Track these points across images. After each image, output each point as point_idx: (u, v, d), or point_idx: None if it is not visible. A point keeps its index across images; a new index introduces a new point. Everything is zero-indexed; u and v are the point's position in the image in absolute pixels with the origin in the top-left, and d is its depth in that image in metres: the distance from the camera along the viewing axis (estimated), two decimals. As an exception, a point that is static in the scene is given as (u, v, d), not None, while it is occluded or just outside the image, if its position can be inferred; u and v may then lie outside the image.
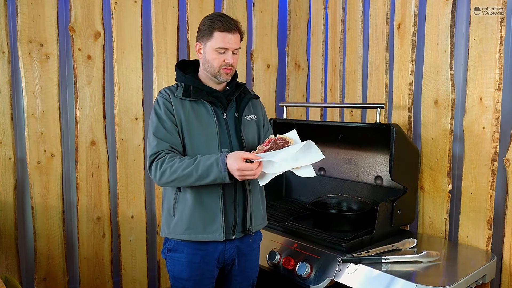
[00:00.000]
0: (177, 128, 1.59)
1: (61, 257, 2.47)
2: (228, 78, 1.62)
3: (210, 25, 1.56)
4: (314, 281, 1.80)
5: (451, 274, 1.71)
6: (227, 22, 1.55)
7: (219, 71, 1.59)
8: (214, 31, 1.55)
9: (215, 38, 1.55)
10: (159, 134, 1.57)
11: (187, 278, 1.63)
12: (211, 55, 1.58)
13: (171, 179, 1.52)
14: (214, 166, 1.48)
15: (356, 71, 2.61)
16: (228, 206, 1.63)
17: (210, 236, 1.60)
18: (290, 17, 3.04)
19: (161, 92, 1.64)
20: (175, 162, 1.52)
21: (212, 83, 1.65)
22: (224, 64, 1.58)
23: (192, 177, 1.50)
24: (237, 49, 1.59)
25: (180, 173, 1.50)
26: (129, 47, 2.51)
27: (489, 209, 1.91)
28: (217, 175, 1.48)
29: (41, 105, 2.34)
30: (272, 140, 1.54)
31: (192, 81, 1.64)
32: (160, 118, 1.59)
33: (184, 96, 1.60)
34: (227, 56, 1.57)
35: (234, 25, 1.57)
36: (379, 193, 2.27)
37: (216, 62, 1.58)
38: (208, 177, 1.49)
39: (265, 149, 1.51)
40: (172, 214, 1.63)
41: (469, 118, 1.96)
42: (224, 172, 1.47)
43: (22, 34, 2.26)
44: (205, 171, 1.48)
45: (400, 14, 2.25)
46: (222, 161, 1.47)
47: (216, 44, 1.55)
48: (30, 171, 2.35)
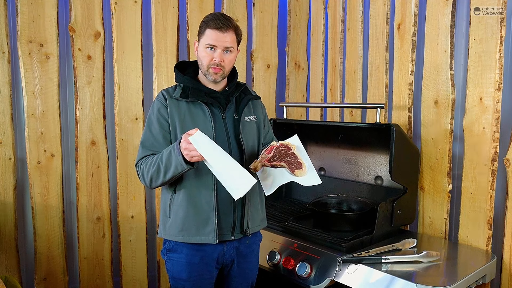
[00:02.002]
0: (168, 135, 1.58)
1: (61, 257, 2.47)
2: (217, 78, 1.59)
3: (205, 22, 1.57)
4: (314, 281, 1.80)
5: (451, 274, 1.71)
6: (219, 20, 1.54)
7: (208, 69, 1.58)
8: (206, 28, 1.56)
9: (206, 35, 1.55)
10: (146, 142, 1.59)
11: (186, 279, 1.62)
12: (201, 52, 1.58)
13: (149, 178, 1.53)
14: (171, 152, 1.46)
15: (356, 71, 2.61)
16: (225, 208, 1.61)
17: (203, 239, 1.59)
18: (290, 17, 3.04)
19: (158, 95, 1.64)
20: (148, 160, 1.53)
21: (211, 84, 1.64)
22: (212, 63, 1.56)
23: (161, 169, 1.48)
24: (228, 47, 1.56)
25: (152, 169, 1.50)
26: (129, 47, 2.51)
27: (489, 209, 1.91)
28: (175, 161, 1.44)
29: (41, 105, 2.34)
30: (274, 147, 1.52)
31: (190, 82, 1.63)
32: (151, 125, 1.60)
33: (182, 97, 1.59)
34: (215, 54, 1.55)
35: (227, 24, 1.54)
36: (379, 193, 2.27)
37: (205, 60, 1.57)
38: (171, 165, 1.46)
39: (268, 157, 1.51)
40: (167, 215, 1.63)
41: (469, 118, 1.96)
42: (179, 157, 1.42)
43: (22, 34, 2.26)
44: (167, 159, 1.46)
45: (400, 14, 2.25)
46: (176, 146, 1.44)
47: (206, 41, 1.55)
48: (30, 171, 2.35)
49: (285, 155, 1.51)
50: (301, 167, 1.50)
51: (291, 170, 1.50)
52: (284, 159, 1.51)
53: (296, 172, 1.50)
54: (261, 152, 1.57)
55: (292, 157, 1.51)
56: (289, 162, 1.51)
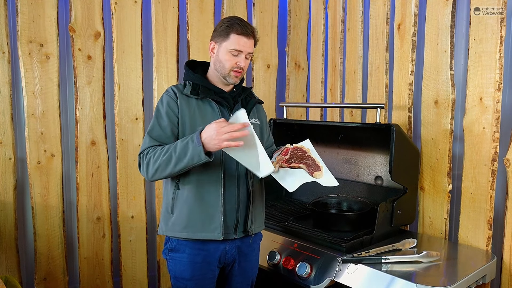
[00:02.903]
0: (176, 129, 1.59)
1: (61, 257, 2.48)
2: (237, 81, 1.65)
3: (228, 26, 1.58)
4: (314, 281, 1.80)
5: (451, 274, 1.71)
6: (245, 26, 1.58)
7: (230, 73, 1.61)
8: (231, 33, 1.57)
9: (231, 39, 1.57)
10: (153, 133, 1.58)
11: (189, 278, 1.63)
12: (224, 56, 1.59)
13: (155, 168, 1.51)
14: (189, 142, 1.45)
15: (356, 71, 2.61)
16: (230, 205, 1.62)
17: (208, 235, 1.60)
18: (290, 17, 3.04)
19: (168, 90, 1.65)
20: (157, 150, 1.52)
21: (220, 84, 1.67)
22: (235, 67, 1.60)
23: (172, 159, 1.47)
24: (250, 53, 1.62)
25: (161, 158, 1.49)
26: (129, 47, 2.51)
27: (489, 209, 1.91)
28: (193, 151, 1.44)
29: (41, 105, 2.34)
30: (290, 150, 1.59)
31: (201, 80, 1.65)
32: (159, 117, 1.59)
33: (192, 94, 1.61)
34: (239, 59, 1.59)
35: (251, 31, 1.60)
36: (379, 193, 2.27)
37: (228, 64, 1.59)
38: (186, 156, 1.45)
39: (285, 159, 1.57)
40: (170, 212, 1.63)
41: (469, 118, 1.96)
42: (199, 147, 1.42)
43: (22, 34, 2.26)
44: (182, 149, 1.46)
45: (400, 14, 2.25)
46: (196, 136, 1.44)
47: (231, 46, 1.57)
48: (30, 171, 2.35)
49: (302, 158, 1.58)
50: (320, 170, 1.57)
51: (310, 172, 1.57)
52: (302, 161, 1.57)
53: (314, 174, 1.56)
54: (275, 154, 1.63)
55: (310, 160, 1.58)
56: (308, 164, 1.57)
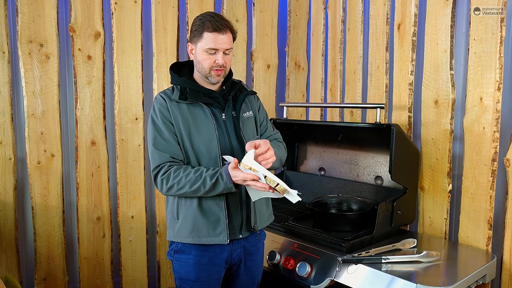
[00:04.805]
0: (176, 136, 1.58)
1: (61, 257, 2.47)
2: (220, 79, 1.60)
3: (200, 25, 1.53)
4: (314, 281, 1.80)
5: (451, 274, 1.71)
6: (216, 22, 1.52)
7: (210, 72, 1.57)
8: (204, 32, 1.52)
9: (205, 38, 1.53)
10: (158, 145, 1.57)
11: (194, 280, 1.62)
12: (201, 56, 1.56)
13: (178, 193, 1.55)
14: (220, 181, 1.49)
15: (356, 71, 2.61)
16: (233, 207, 1.62)
17: (214, 240, 1.59)
18: (290, 17, 3.04)
19: (156, 98, 1.62)
20: (182, 178, 1.52)
21: (208, 84, 1.63)
22: (215, 66, 1.55)
23: (200, 192, 1.52)
24: (228, 49, 1.56)
25: (188, 189, 1.52)
26: (129, 47, 2.51)
27: (489, 209, 1.91)
28: (223, 187, 1.50)
29: (41, 105, 2.34)
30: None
31: (188, 83, 1.61)
32: (158, 128, 1.58)
33: (181, 99, 1.58)
34: (217, 57, 1.54)
35: (225, 25, 1.53)
36: (379, 193, 2.26)
37: (206, 63, 1.55)
38: (215, 191, 1.52)
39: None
40: (176, 218, 1.63)
41: (469, 118, 1.96)
42: (230, 184, 1.48)
43: (22, 34, 2.26)
44: (211, 186, 1.50)
45: (400, 14, 2.25)
46: (226, 175, 1.48)
47: (206, 45, 1.53)
48: (30, 171, 2.35)
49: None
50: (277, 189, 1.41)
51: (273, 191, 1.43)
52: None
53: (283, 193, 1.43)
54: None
55: (259, 184, 1.42)
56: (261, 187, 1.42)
